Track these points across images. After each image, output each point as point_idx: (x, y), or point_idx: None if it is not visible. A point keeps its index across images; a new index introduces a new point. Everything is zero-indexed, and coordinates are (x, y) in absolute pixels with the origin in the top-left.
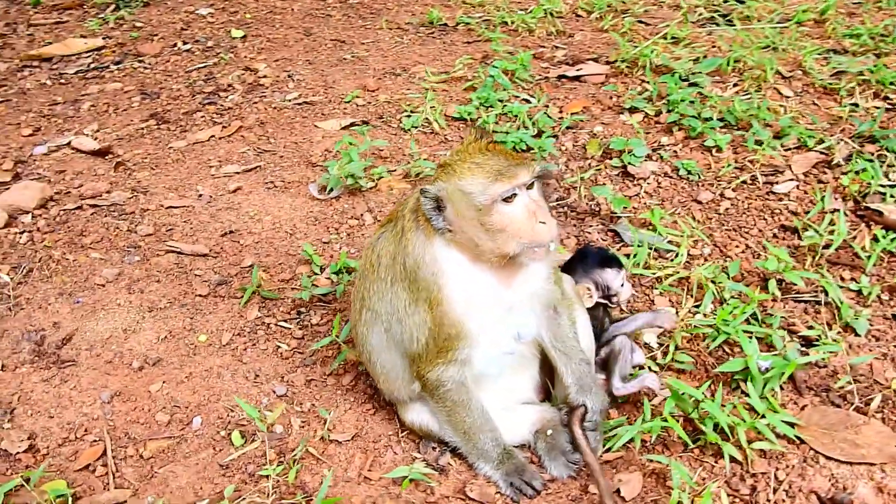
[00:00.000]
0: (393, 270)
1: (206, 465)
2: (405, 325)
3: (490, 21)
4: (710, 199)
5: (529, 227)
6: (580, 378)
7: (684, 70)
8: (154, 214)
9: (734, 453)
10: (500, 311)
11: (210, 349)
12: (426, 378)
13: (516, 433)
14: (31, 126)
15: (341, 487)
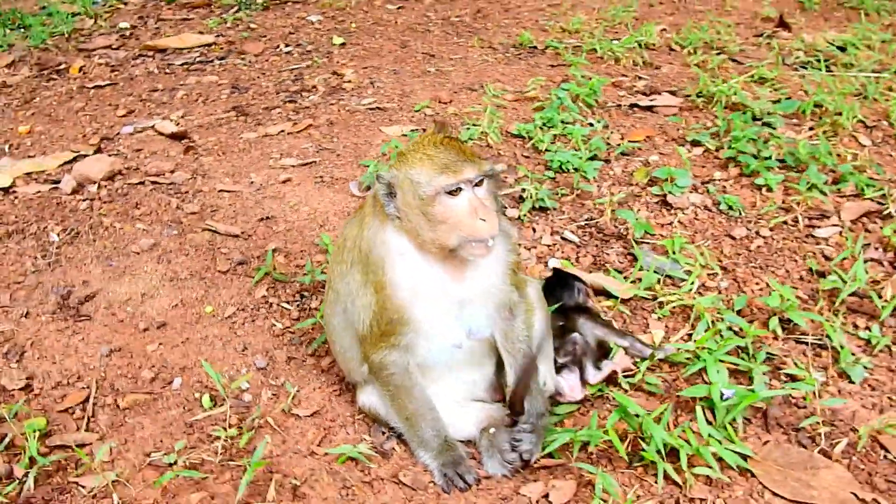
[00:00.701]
0: (352, 253)
1: (173, 422)
2: (356, 306)
3: (579, 48)
4: (744, 235)
5: (470, 222)
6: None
7: (760, 110)
8: (205, 195)
9: (673, 475)
10: (448, 303)
11: (212, 320)
12: (371, 360)
13: (462, 428)
14: (127, 108)
15: (288, 457)
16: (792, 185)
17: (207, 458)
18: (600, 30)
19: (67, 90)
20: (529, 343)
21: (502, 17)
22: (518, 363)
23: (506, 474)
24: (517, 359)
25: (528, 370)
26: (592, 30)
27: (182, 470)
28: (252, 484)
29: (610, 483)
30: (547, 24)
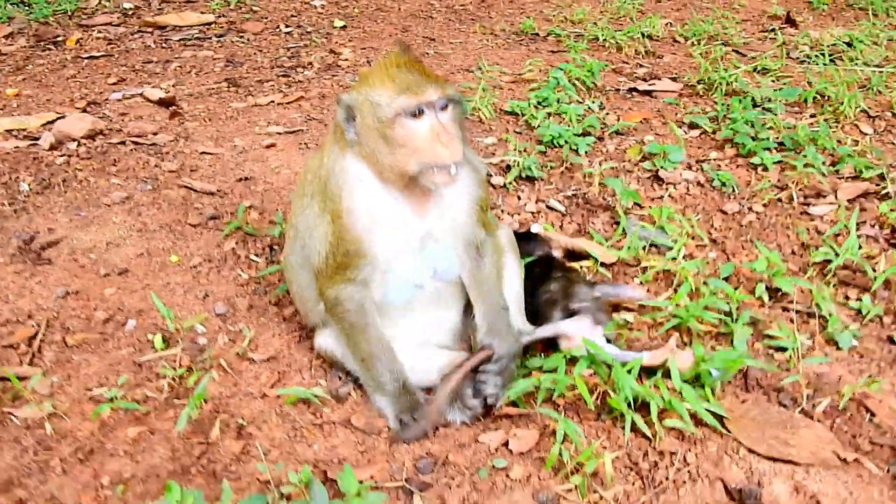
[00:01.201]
0: (312, 185)
1: (121, 361)
2: (313, 238)
3: (581, 36)
4: (736, 210)
5: (430, 147)
6: (493, 321)
7: (761, 97)
8: (186, 157)
9: (642, 427)
10: (410, 238)
11: (176, 269)
12: (326, 295)
13: (422, 375)
14: (119, 77)
15: (237, 399)
16: (788, 164)
17: (151, 395)
18: (604, 20)
19: (61, 59)
20: (499, 287)
21: (506, 6)
22: (487, 307)
23: (465, 421)
24: (486, 300)
25: (497, 315)
26: (596, 20)
27: (122, 402)
28: (195, 422)
29: (573, 430)
30: (551, 14)
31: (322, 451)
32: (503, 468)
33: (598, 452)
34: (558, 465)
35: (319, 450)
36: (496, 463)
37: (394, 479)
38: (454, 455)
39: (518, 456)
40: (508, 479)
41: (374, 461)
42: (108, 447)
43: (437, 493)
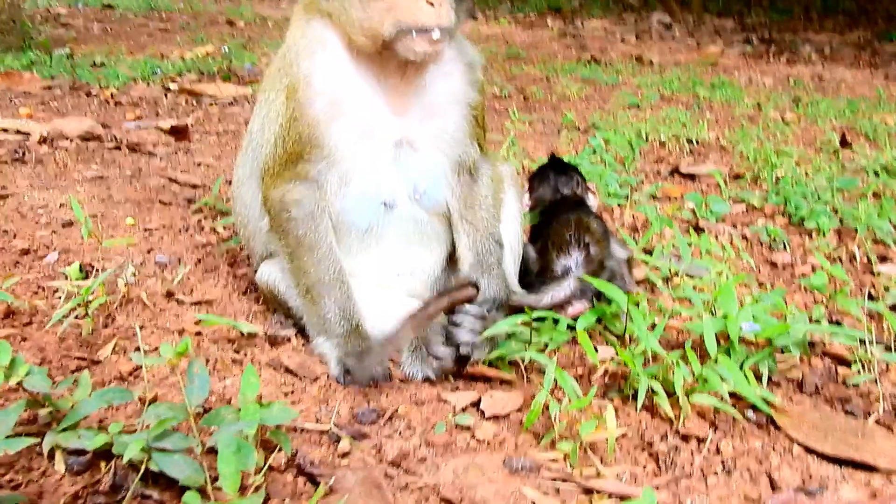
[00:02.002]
0: (270, 77)
1: (25, 283)
2: (265, 127)
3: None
4: (788, 261)
5: (412, 3)
6: (482, 253)
7: (815, 186)
8: (179, 163)
9: (664, 405)
10: (380, 136)
11: (128, 229)
12: (272, 199)
13: (382, 322)
14: (138, 115)
15: (147, 331)
16: (849, 236)
17: (42, 308)
18: (650, 122)
19: (87, 101)
20: (496, 216)
21: (549, 109)
22: (477, 236)
23: (429, 376)
24: (478, 229)
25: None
26: (640, 120)
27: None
28: (83, 340)
29: (567, 381)
30: (594, 114)
31: (234, 387)
32: (467, 426)
33: (599, 412)
34: (543, 430)
35: (232, 385)
36: (460, 420)
37: (320, 421)
38: (406, 409)
39: (491, 419)
40: (473, 440)
41: (300, 404)
42: None
43: (373, 443)
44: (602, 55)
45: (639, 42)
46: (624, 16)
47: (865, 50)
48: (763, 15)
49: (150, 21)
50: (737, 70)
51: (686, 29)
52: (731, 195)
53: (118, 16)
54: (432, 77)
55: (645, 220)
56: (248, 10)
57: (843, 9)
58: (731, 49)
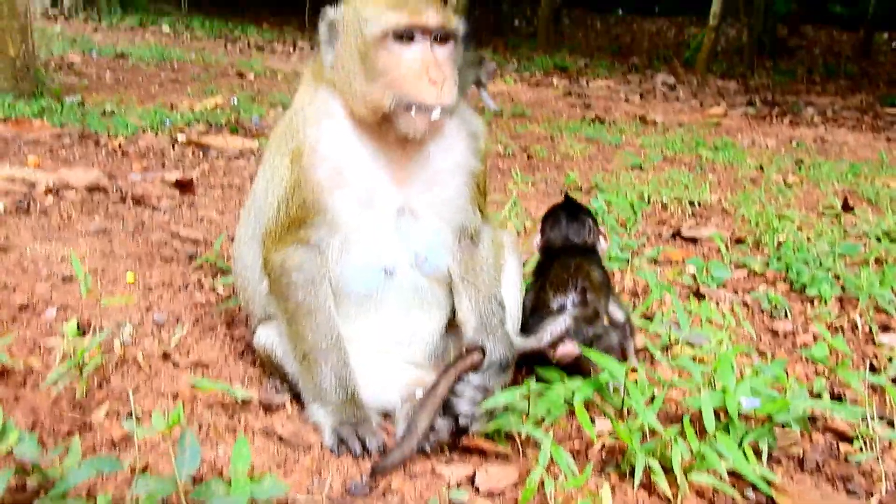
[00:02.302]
0: (275, 140)
1: (22, 339)
2: (268, 190)
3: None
4: (789, 330)
5: (414, 81)
6: (485, 315)
7: (816, 252)
8: (182, 216)
9: (661, 484)
10: (382, 203)
11: (128, 287)
12: (272, 263)
13: (378, 392)
14: (144, 167)
15: (141, 394)
16: (851, 303)
17: (36, 368)
18: (652, 184)
19: (94, 151)
20: (497, 279)
21: (552, 169)
22: (479, 298)
23: (424, 448)
24: (480, 290)
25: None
26: (643, 182)
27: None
28: (77, 403)
29: (563, 457)
30: (597, 174)
31: (227, 455)
32: (461, 502)
33: (596, 489)
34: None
35: (224, 454)
36: (454, 496)
37: (311, 493)
38: (399, 483)
39: (486, 495)
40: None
41: (293, 475)
42: None
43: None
44: (606, 114)
45: (643, 102)
46: (628, 76)
47: (868, 113)
48: (766, 77)
49: (162, 71)
50: (740, 131)
51: (690, 90)
52: (732, 259)
53: (130, 65)
54: (435, 147)
55: (645, 284)
56: (258, 64)
57: (846, 73)
58: (734, 110)
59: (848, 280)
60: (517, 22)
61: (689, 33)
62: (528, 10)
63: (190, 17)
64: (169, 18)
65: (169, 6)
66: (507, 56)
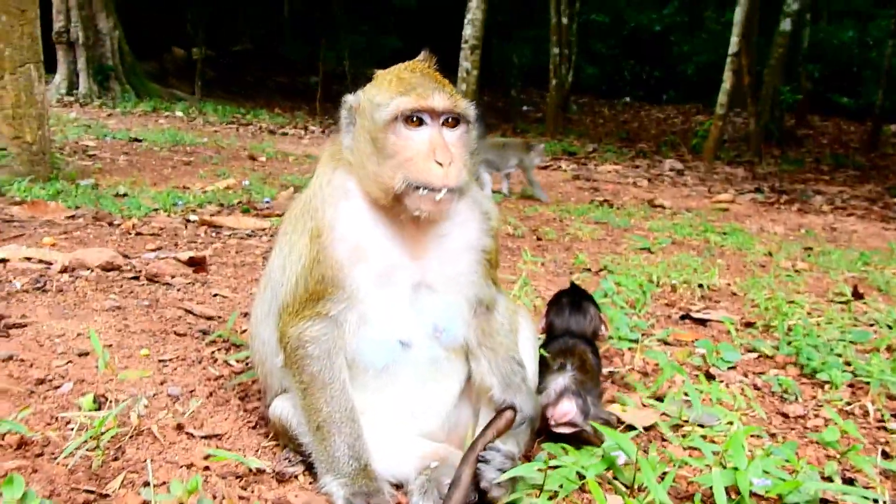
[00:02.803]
0: (293, 219)
1: (39, 413)
2: (286, 266)
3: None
4: (800, 413)
5: (422, 162)
6: (507, 375)
7: (826, 338)
8: (196, 294)
9: None
10: (400, 279)
11: (143, 361)
12: (289, 337)
13: (393, 464)
14: (158, 245)
15: (157, 464)
16: (862, 389)
17: (54, 439)
18: (661, 266)
19: (109, 231)
20: (514, 341)
21: (561, 250)
22: (499, 359)
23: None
24: (497, 353)
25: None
26: (652, 264)
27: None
28: (93, 472)
29: None
30: (606, 256)
31: None
32: None
33: None
34: None
35: None
36: None
37: None
38: None
39: None
40: None
41: None
42: None
43: None
44: (615, 198)
45: (651, 186)
46: (636, 161)
47: (877, 203)
48: (774, 165)
49: (175, 154)
50: (748, 217)
51: (697, 176)
52: (742, 343)
53: (144, 149)
54: (449, 226)
55: (655, 365)
56: (270, 147)
57: (854, 163)
58: (742, 196)
59: (859, 366)
60: (525, 107)
61: (696, 121)
62: (537, 96)
63: (203, 102)
64: (182, 104)
65: (182, 92)
66: None
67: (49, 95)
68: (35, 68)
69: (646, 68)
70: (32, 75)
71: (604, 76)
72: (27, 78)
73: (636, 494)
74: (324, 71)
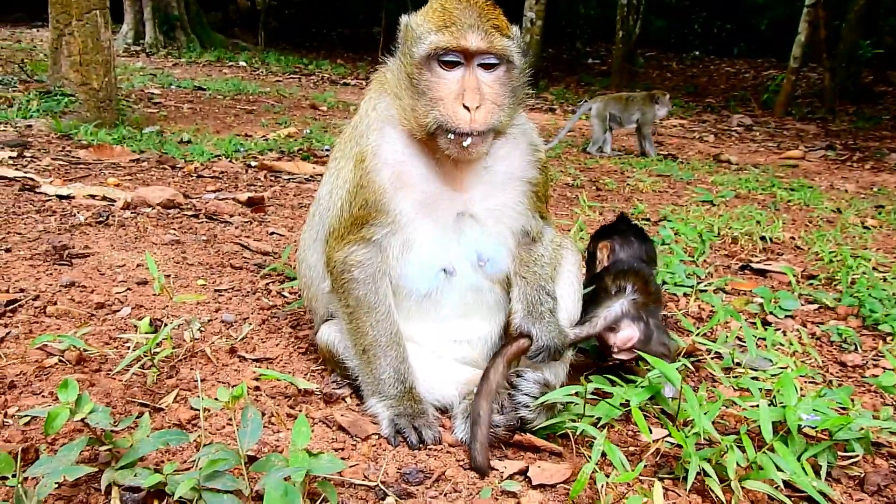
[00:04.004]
0: (341, 145)
1: (97, 333)
2: (333, 192)
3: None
4: (859, 363)
5: (451, 105)
6: (532, 304)
7: (891, 292)
8: (253, 231)
9: (715, 486)
10: (441, 209)
11: (199, 290)
12: (335, 260)
13: (437, 388)
14: (218, 187)
15: (209, 383)
16: None
17: (111, 356)
18: (723, 218)
19: (171, 174)
20: (551, 273)
21: (621, 201)
22: (529, 286)
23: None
24: (529, 281)
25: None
26: (713, 216)
27: (77, 342)
28: (147, 388)
29: (615, 454)
30: (666, 207)
31: (287, 440)
32: (513, 492)
33: (648, 488)
34: (589, 502)
35: (285, 438)
36: (506, 486)
37: (367, 478)
38: (454, 473)
39: (538, 488)
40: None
41: (350, 460)
42: (33, 387)
43: (418, 502)
44: (679, 152)
45: (717, 141)
46: (703, 116)
47: None
48: (848, 122)
49: (238, 103)
50: (818, 175)
51: (767, 132)
52: (802, 294)
53: (208, 97)
54: (492, 159)
55: (710, 311)
56: (331, 96)
57: None
58: (812, 153)
59: None
60: (591, 60)
61: (767, 76)
62: (603, 49)
63: (266, 52)
64: (245, 54)
65: (246, 42)
66: (580, 93)
67: (116, 45)
68: (101, 15)
69: (716, 21)
70: (98, 22)
71: (672, 29)
72: (93, 24)
73: (681, 428)
74: (386, 22)
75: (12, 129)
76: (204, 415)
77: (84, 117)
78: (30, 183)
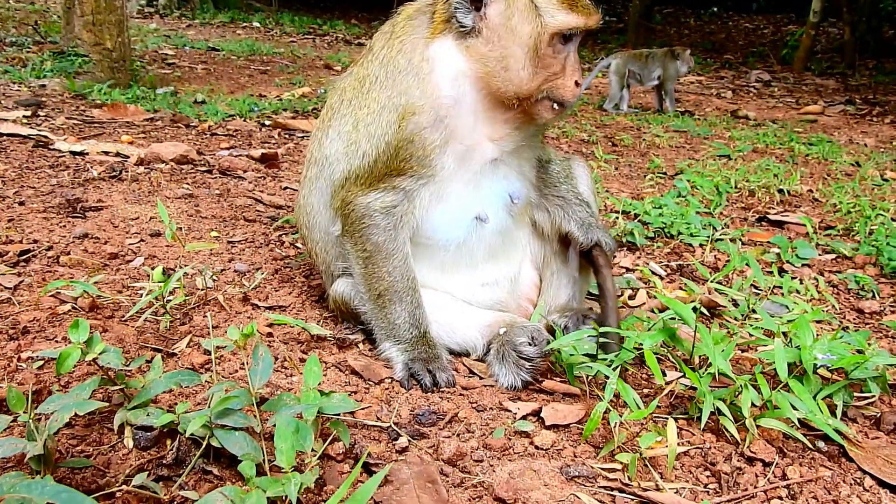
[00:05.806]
0: (364, 91)
1: (111, 280)
2: (358, 140)
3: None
4: (875, 310)
5: (567, 79)
6: (583, 219)
7: None
8: (266, 186)
9: (729, 424)
10: (480, 157)
11: (212, 241)
12: (354, 206)
13: (459, 331)
14: (232, 144)
15: (220, 330)
16: None
17: (125, 303)
18: (740, 171)
19: (185, 132)
20: (573, 184)
21: (636, 156)
22: (564, 201)
23: (525, 379)
24: (568, 200)
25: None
26: (730, 170)
27: (90, 288)
28: (160, 334)
29: (629, 393)
30: (682, 161)
31: (299, 383)
32: (526, 432)
33: (661, 427)
34: (602, 441)
35: (298, 381)
36: (519, 426)
37: (380, 419)
38: (467, 414)
39: (551, 428)
40: (531, 446)
41: (363, 403)
42: (46, 332)
43: (430, 443)
44: (696, 109)
45: (735, 98)
46: (721, 72)
47: None
48: (868, 77)
49: (252, 64)
50: (837, 129)
51: (785, 87)
52: (820, 244)
53: (222, 58)
54: None
55: (727, 260)
56: (346, 56)
57: None
58: (832, 108)
59: None
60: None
61: (786, 32)
62: (620, 6)
63: (280, 13)
64: (259, 15)
65: (260, 3)
66: (596, 51)
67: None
68: None
69: None
70: None
71: None
72: None
73: (696, 369)
74: None
75: (26, 89)
76: (216, 359)
77: (98, 77)
78: (44, 140)
